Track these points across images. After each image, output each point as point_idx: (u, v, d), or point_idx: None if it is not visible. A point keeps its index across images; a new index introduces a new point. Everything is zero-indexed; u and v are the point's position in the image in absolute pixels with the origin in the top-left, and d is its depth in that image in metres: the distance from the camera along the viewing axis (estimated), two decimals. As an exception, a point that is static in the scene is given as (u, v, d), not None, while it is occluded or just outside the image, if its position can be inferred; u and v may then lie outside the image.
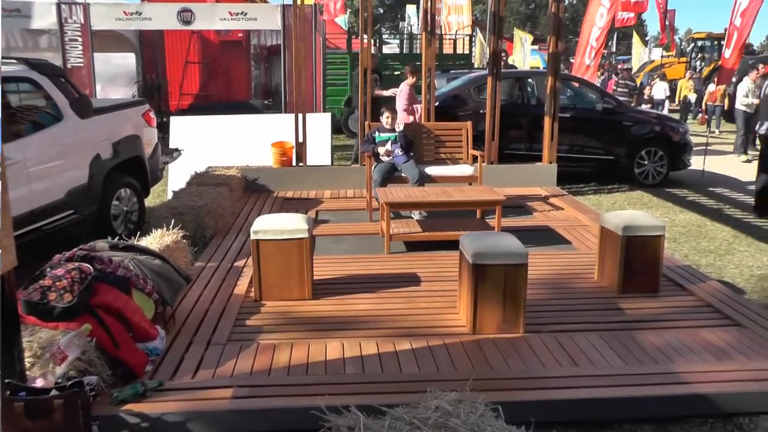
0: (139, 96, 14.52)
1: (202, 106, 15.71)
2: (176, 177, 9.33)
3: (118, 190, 7.06)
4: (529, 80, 11.73)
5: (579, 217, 7.51)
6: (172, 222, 6.05)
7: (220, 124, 10.55)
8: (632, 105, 15.83)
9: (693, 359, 4.02)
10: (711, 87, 18.37)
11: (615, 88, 17.84)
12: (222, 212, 7.18)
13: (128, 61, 16.34)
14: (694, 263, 6.56)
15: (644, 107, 16.77)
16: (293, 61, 9.30)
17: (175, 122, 10.62)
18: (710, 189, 10.87)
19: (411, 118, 9.70)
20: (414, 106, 9.95)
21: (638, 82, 20.32)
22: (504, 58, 13.57)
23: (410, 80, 10.01)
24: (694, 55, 28.42)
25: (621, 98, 16.10)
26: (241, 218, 7.47)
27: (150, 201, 8.54)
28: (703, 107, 19.45)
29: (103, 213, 6.78)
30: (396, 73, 16.87)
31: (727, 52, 11.05)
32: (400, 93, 10.03)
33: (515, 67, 20.00)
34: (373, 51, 10.60)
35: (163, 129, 10.80)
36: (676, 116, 18.79)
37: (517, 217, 7.56)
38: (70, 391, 3.09)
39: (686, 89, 21.38)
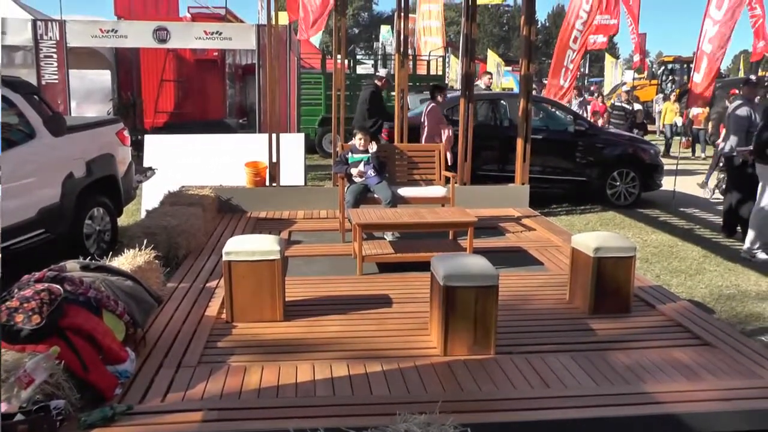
0: (114, 113, 14.49)
1: (177, 124, 15.64)
2: (150, 196, 9.28)
3: (91, 209, 7.01)
4: (502, 102, 11.84)
5: (551, 238, 7.56)
6: (145, 242, 5.99)
7: (195, 143, 10.53)
8: (631, 129, 15.65)
9: (663, 379, 4.06)
10: (694, 111, 17.66)
11: (610, 110, 17.71)
12: (195, 232, 7.13)
13: (104, 78, 16.30)
14: (665, 283, 6.64)
15: (635, 132, 16.55)
16: (267, 81, 9.31)
17: (150, 140, 10.57)
18: (681, 209, 11.03)
19: (437, 140, 9.50)
20: (441, 127, 9.74)
21: (609, 104, 20.25)
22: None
23: (438, 99, 9.94)
24: (664, 77, 28.90)
25: (617, 121, 16.20)
26: (214, 238, 7.43)
27: (123, 220, 8.48)
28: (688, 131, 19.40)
29: (75, 232, 6.73)
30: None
31: (696, 77, 11.19)
32: (428, 113, 9.88)
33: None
34: (383, 73, 10.62)
35: (138, 147, 10.75)
36: (653, 138, 18.90)
37: (490, 238, 7.60)
38: (36, 415, 3.05)
39: (672, 112, 20.36)
